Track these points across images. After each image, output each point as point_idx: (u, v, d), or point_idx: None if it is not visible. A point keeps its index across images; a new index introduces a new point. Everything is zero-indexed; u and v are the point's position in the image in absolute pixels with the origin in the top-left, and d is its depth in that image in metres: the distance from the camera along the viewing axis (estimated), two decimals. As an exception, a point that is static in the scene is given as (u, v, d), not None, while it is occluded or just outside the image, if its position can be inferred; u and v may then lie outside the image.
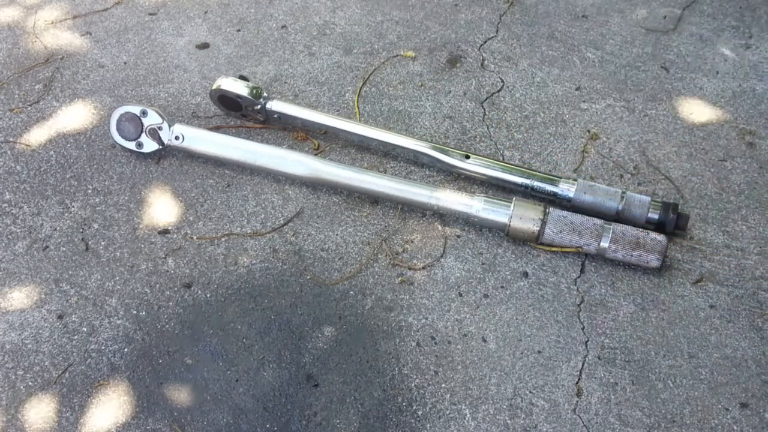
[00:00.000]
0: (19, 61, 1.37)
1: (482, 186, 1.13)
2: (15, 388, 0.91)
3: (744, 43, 1.38)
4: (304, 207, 1.11)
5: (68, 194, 1.13)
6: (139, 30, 1.45)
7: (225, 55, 1.38)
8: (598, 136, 1.21)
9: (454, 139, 1.21)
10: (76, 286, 1.01)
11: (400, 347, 0.94)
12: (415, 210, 1.09)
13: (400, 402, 0.88)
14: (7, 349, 0.95)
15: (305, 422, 0.87)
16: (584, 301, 0.98)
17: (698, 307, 0.97)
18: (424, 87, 1.31)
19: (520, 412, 0.87)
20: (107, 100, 1.29)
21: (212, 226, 1.08)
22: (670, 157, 1.17)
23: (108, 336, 0.96)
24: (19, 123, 1.25)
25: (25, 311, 0.99)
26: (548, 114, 1.25)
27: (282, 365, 0.92)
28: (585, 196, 1.04)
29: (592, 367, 0.91)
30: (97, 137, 1.22)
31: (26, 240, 1.07)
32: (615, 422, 0.86)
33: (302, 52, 1.38)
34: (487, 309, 0.97)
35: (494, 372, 0.91)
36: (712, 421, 0.86)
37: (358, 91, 1.30)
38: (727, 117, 1.23)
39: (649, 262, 0.97)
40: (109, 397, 0.90)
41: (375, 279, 1.01)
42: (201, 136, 1.13)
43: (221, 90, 1.17)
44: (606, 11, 1.47)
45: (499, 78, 1.32)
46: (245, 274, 1.02)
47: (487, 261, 1.03)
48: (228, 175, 1.15)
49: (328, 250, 1.05)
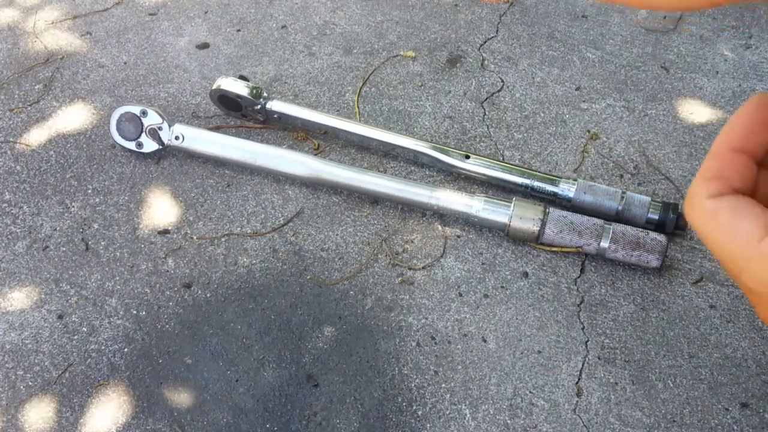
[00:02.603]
0: (19, 61, 1.37)
1: (482, 186, 1.13)
2: (15, 388, 0.91)
3: (744, 43, 1.38)
4: (304, 207, 1.11)
5: (68, 194, 1.13)
6: (139, 30, 1.45)
7: (225, 55, 1.38)
8: (598, 136, 1.21)
9: (454, 139, 1.21)
10: (76, 286, 1.01)
11: (400, 347, 0.94)
12: (415, 210, 1.09)
13: (400, 402, 0.88)
14: (7, 349, 0.95)
15: (305, 422, 0.87)
16: (584, 301, 0.98)
17: (698, 307, 0.97)
18: (424, 87, 1.31)
19: (520, 412, 0.87)
20: (107, 100, 1.29)
21: (212, 226, 1.08)
22: (670, 157, 1.17)
23: (108, 336, 0.96)
24: (19, 123, 1.25)
25: (25, 311, 0.99)
26: (548, 114, 1.25)
27: (282, 365, 0.92)
28: (585, 196, 1.04)
29: (592, 367, 0.91)
30: (97, 137, 1.22)
31: (26, 240, 1.07)
32: (615, 422, 0.86)
33: (302, 52, 1.38)
34: (487, 309, 0.97)
35: (494, 372, 0.91)
36: (712, 421, 0.86)
37: (358, 91, 1.30)
38: (727, 117, 1.23)
39: (649, 262, 0.97)
40: (109, 397, 0.90)
41: (375, 279, 1.01)
42: (201, 136, 1.13)
43: (221, 90, 1.17)
44: (606, 11, 1.47)
45: (499, 78, 1.32)
46: (245, 274, 1.02)
47: (487, 261, 1.03)
48: (228, 175, 1.15)
49: (328, 250, 1.05)
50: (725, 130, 0.24)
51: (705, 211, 0.23)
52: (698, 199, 0.23)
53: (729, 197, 0.23)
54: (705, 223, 0.23)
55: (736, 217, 0.22)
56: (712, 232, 0.22)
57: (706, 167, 0.24)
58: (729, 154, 0.24)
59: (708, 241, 0.23)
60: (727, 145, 0.24)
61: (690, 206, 0.23)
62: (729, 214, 0.22)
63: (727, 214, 0.22)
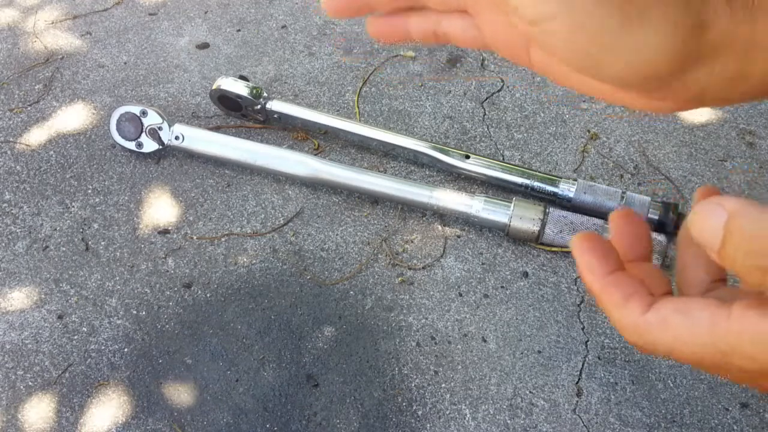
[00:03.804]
0: (19, 61, 1.37)
1: (482, 186, 1.13)
2: (15, 388, 0.91)
3: (744, 43, 1.38)
4: (304, 207, 1.11)
5: (68, 194, 1.13)
6: (139, 30, 1.45)
7: (225, 55, 1.38)
8: (598, 136, 1.21)
9: (454, 139, 1.21)
10: (76, 286, 1.01)
11: (400, 347, 0.94)
12: (415, 210, 1.09)
13: (400, 402, 0.88)
14: (7, 349, 0.95)
15: (305, 422, 0.87)
16: (584, 301, 0.98)
17: (698, 307, 0.97)
18: (424, 87, 1.31)
19: (520, 412, 0.87)
20: (107, 100, 1.29)
21: (212, 226, 1.08)
22: (670, 157, 1.17)
23: (108, 336, 0.96)
24: (19, 123, 1.25)
25: (25, 311, 0.99)
26: (548, 114, 1.25)
27: (282, 365, 0.92)
28: (585, 196, 1.04)
29: (592, 367, 0.91)
30: (97, 137, 1.22)
31: (26, 240, 1.07)
32: (615, 422, 0.86)
33: (302, 52, 1.38)
34: (487, 309, 0.97)
35: (494, 372, 0.91)
36: (712, 421, 0.86)
37: (358, 91, 1.30)
38: (727, 117, 1.23)
39: (649, 262, 0.96)
40: (109, 397, 0.90)
41: (375, 279, 1.01)
42: (201, 136, 1.13)
43: (221, 90, 1.17)
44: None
45: (499, 78, 1.32)
46: (245, 274, 1.02)
47: (487, 261, 1.03)
48: (228, 175, 1.15)
49: (328, 250, 1.05)
50: (585, 270, 0.26)
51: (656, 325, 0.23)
52: (636, 320, 0.24)
53: (658, 303, 0.24)
54: (663, 336, 0.23)
55: (685, 317, 0.22)
56: (672, 341, 0.23)
57: (616, 294, 0.25)
58: (611, 278, 0.25)
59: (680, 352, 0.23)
60: (604, 274, 0.26)
61: (640, 332, 0.24)
62: (679, 318, 0.23)
63: (678, 319, 0.23)
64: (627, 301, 0.24)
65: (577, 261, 0.26)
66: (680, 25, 0.21)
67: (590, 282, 0.25)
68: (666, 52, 0.22)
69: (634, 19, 0.21)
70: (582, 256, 0.26)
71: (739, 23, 0.22)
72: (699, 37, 0.22)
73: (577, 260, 0.26)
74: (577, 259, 0.26)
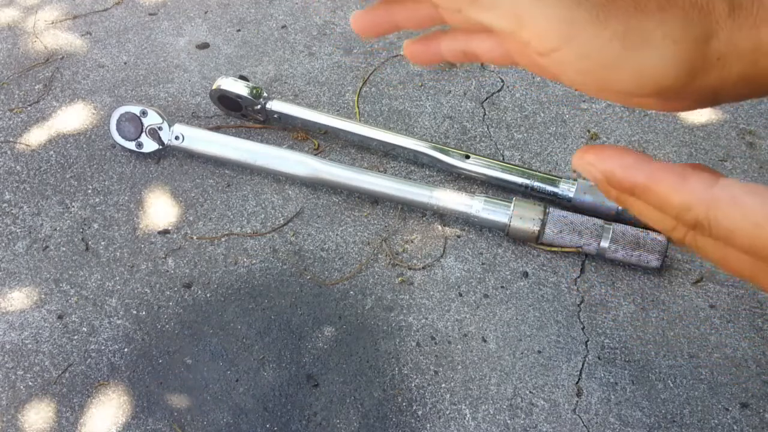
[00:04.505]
0: (19, 61, 1.37)
1: (482, 186, 1.13)
2: (15, 388, 0.91)
3: (744, 43, 1.38)
4: (304, 207, 1.11)
5: (68, 194, 1.13)
6: (139, 30, 1.45)
7: (225, 55, 1.38)
8: (598, 136, 1.21)
9: (454, 139, 1.21)
10: (76, 286, 1.01)
11: (400, 347, 0.94)
12: (415, 210, 1.09)
13: (400, 402, 0.88)
14: (7, 349, 0.95)
15: (305, 422, 0.87)
16: (584, 301, 0.98)
17: (698, 307, 0.97)
18: (424, 87, 1.31)
19: (520, 412, 0.87)
20: (107, 100, 1.29)
21: (212, 226, 1.08)
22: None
23: (108, 336, 0.96)
24: (19, 123, 1.25)
25: (25, 311, 0.99)
26: (548, 114, 1.25)
27: (282, 365, 0.92)
28: (585, 196, 1.04)
29: (592, 367, 0.91)
30: (97, 137, 1.22)
31: (26, 240, 1.07)
32: (615, 422, 0.86)
33: (302, 52, 1.38)
34: (487, 309, 0.97)
35: (494, 372, 0.91)
36: (712, 421, 0.86)
37: (358, 91, 1.30)
38: (727, 117, 1.23)
39: (649, 262, 0.97)
40: (109, 397, 0.90)
41: (375, 279, 1.01)
42: (201, 136, 1.13)
43: (221, 90, 1.17)
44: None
45: (499, 78, 1.32)
46: (245, 274, 1.02)
47: (487, 261, 1.03)
48: (228, 175, 1.15)
49: (328, 250, 1.05)
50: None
51: (725, 199, 0.21)
52: (701, 195, 0.22)
53: (723, 180, 0.22)
54: (732, 212, 0.21)
55: (748, 196, 0.21)
56: (740, 219, 0.21)
57: (670, 171, 0.23)
58: (655, 165, 0.24)
59: (740, 230, 0.21)
60: (644, 164, 0.24)
61: (712, 199, 0.22)
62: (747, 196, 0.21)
63: (751, 199, 0.21)
64: (685, 179, 0.22)
65: (604, 167, 0.24)
66: (681, 42, 0.22)
67: (632, 176, 0.23)
68: (671, 68, 0.23)
69: (636, 44, 0.22)
70: (608, 160, 0.24)
71: (742, 31, 0.23)
72: (703, 49, 0.23)
73: (602, 166, 0.24)
74: (601, 165, 0.24)
